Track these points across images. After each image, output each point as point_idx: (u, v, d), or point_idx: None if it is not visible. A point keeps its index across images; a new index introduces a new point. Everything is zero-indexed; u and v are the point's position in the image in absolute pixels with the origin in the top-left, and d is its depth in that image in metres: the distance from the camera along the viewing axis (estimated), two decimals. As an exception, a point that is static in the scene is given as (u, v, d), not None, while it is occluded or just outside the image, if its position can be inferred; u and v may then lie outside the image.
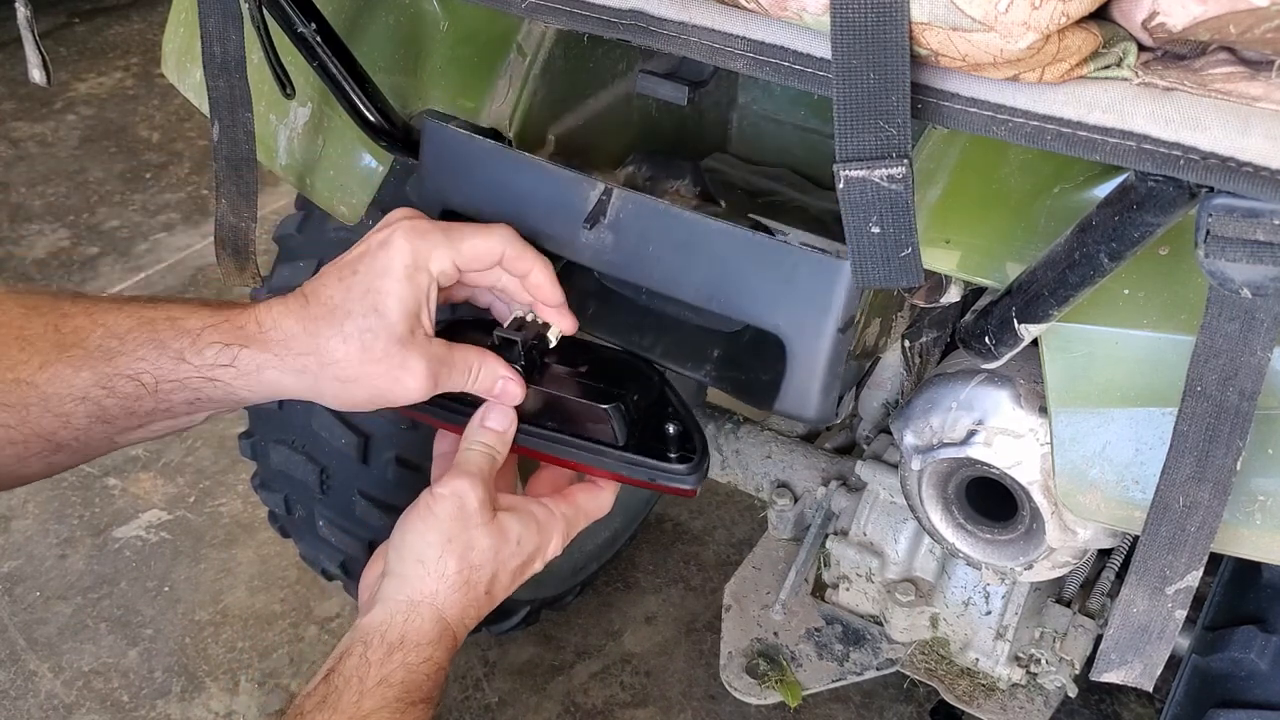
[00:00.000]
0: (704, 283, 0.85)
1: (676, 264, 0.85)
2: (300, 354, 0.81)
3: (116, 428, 0.80)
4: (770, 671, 1.48)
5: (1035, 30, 0.54)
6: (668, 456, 0.90)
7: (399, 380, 0.83)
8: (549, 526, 0.89)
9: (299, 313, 0.82)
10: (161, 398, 0.80)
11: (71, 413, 0.77)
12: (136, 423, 0.81)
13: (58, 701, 1.88)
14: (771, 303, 0.83)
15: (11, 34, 3.21)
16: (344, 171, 1.16)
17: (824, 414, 0.86)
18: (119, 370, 0.78)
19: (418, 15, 1.09)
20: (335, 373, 0.81)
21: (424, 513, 0.84)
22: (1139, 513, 0.78)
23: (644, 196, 0.84)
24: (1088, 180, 0.80)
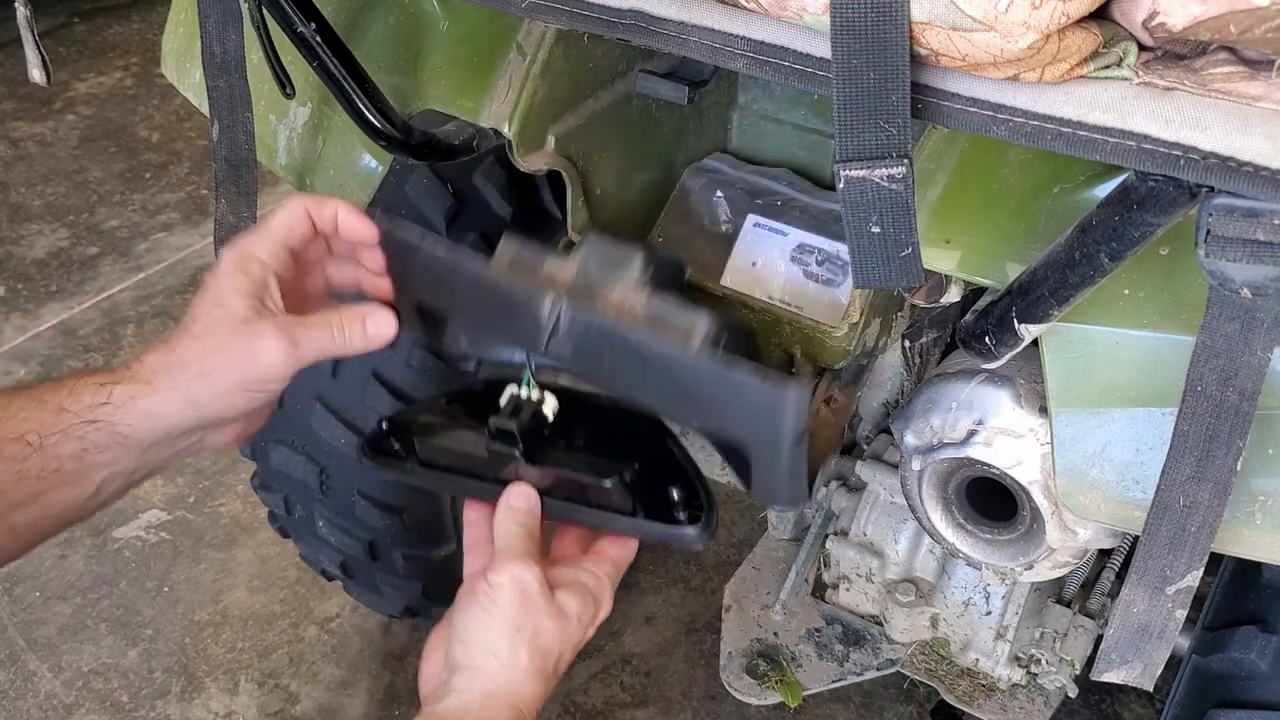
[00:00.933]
0: (660, 397, 0.88)
1: (632, 378, 0.88)
2: (165, 373, 0.82)
3: (9, 500, 0.78)
4: (770, 672, 1.48)
5: (1035, 30, 0.54)
6: (676, 518, 0.91)
7: (255, 351, 0.82)
8: (599, 592, 0.89)
9: (161, 346, 0.84)
10: (48, 454, 0.79)
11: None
12: (29, 492, 0.79)
13: (57, 702, 1.87)
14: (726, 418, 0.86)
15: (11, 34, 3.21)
16: (344, 171, 1.16)
17: (794, 501, 0.89)
18: (3, 436, 0.78)
19: (418, 15, 1.09)
20: (196, 370, 0.82)
21: (487, 604, 0.83)
22: (1139, 513, 0.77)
23: (593, 314, 0.85)
24: (1088, 180, 0.80)
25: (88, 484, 0.81)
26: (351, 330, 0.87)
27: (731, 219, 1.29)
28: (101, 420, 0.80)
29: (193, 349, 0.82)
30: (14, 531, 0.80)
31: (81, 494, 0.82)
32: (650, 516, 0.91)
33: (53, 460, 0.79)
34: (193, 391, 0.82)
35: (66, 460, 0.80)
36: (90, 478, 0.81)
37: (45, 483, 0.79)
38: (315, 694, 1.90)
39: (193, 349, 0.82)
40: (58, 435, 0.79)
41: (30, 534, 0.82)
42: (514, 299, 0.90)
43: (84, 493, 0.82)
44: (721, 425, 0.87)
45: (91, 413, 0.80)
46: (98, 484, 0.82)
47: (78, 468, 0.80)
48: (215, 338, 0.82)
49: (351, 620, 2.01)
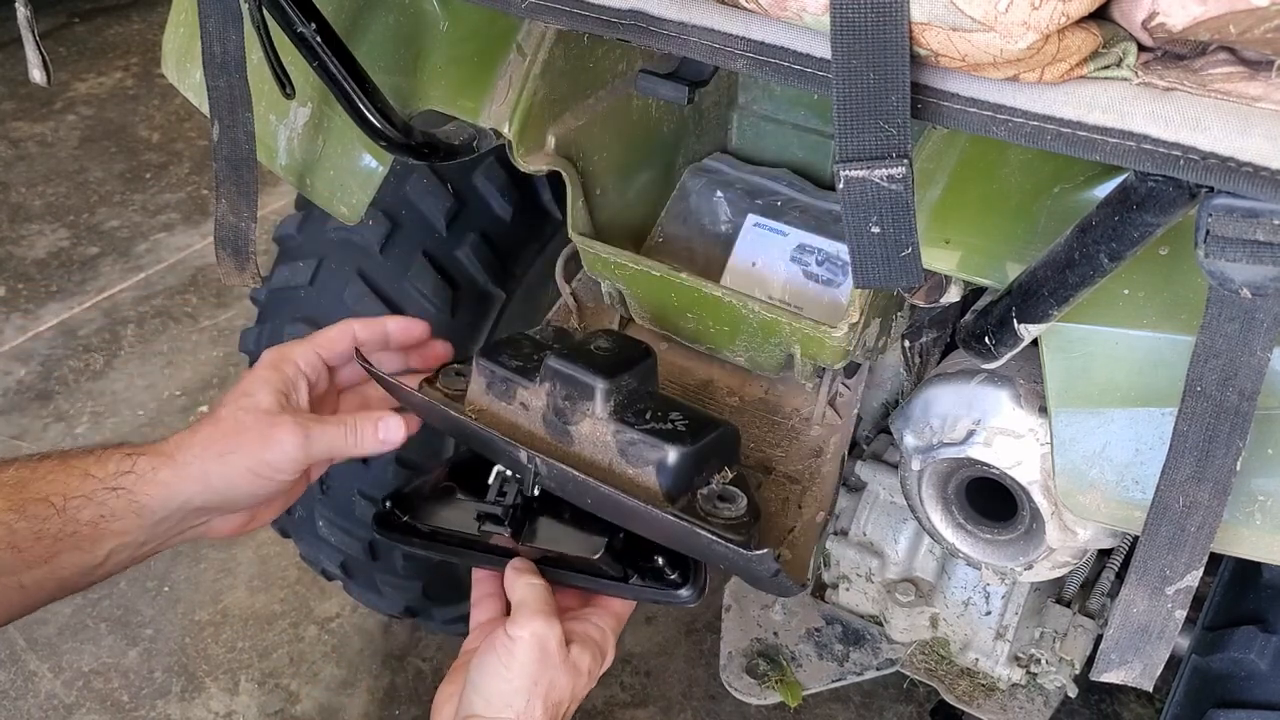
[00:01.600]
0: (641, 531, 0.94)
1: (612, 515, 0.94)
2: (186, 450, 0.88)
3: (24, 559, 0.81)
4: (770, 671, 1.48)
5: (1035, 30, 0.54)
6: (668, 579, 0.96)
7: (271, 439, 0.88)
8: (604, 644, 0.94)
9: (188, 428, 0.91)
10: (69, 516, 0.83)
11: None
12: (44, 552, 0.82)
13: (58, 701, 1.87)
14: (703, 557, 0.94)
15: (11, 34, 3.21)
16: (344, 171, 1.16)
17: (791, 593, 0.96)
18: (30, 495, 0.82)
19: (418, 15, 1.09)
20: (215, 450, 0.88)
21: (506, 657, 0.86)
22: (1139, 513, 0.78)
23: (565, 470, 0.90)
24: (1087, 180, 0.80)
25: (98, 551, 0.85)
26: (364, 433, 0.93)
27: (731, 219, 1.29)
28: (123, 488, 0.85)
29: (214, 431, 0.89)
30: (23, 589, 0.83)
31: (91, 561, 0.85)
32: (642, 581, 0.96)
33: (71, 524, 0.83)
34: (208, 469, 0.87)
35: (84, 525, 0.84)
36: (102, 545, 0.85)
37: (60, 545, 0.83)
38: (315, 694, 1.90)
39: (214, 431, 0.89)
40: (80, 499, 0.84)
41: (37, 594, 0.85)
42: (495, 449, 0.97)
43: (93, 560, 0.85)
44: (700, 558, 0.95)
45: (115, 480, 0.85)
46: (107, 552, 0.86)
47: (92, 534, 0.84)
48: (236, 423, 0.89)
49: (351, 620, 2.01)
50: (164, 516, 0.87)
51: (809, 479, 1.11)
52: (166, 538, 0.89)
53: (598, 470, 0.96)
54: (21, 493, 0.83)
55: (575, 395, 0.96)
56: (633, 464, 0.94)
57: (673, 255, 1.28)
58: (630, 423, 0.95)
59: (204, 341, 2.65)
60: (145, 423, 2.41)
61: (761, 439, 1.16)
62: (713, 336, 1.15)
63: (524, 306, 1.48)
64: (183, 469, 0.87)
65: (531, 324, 1.37)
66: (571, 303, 1.29)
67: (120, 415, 2.42)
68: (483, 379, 1.02)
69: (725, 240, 1.27)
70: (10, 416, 2.41)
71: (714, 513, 0.92)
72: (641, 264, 1.10)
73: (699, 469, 0.95)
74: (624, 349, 1.02)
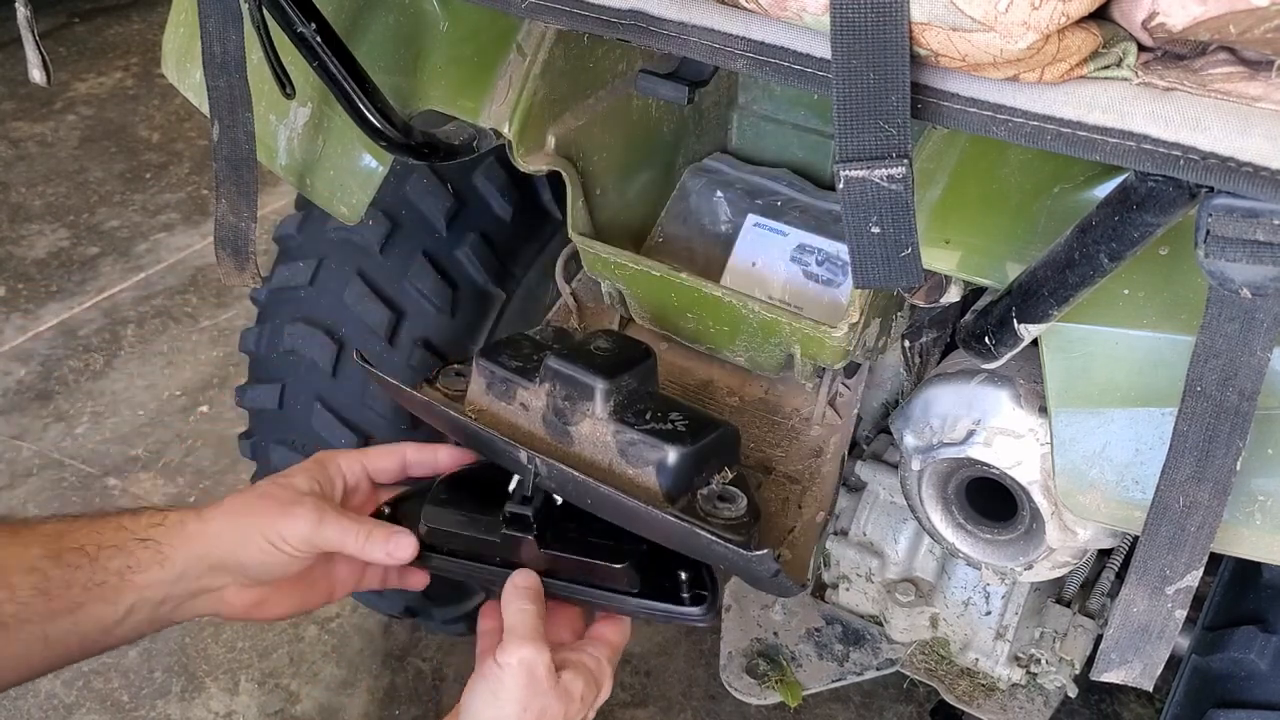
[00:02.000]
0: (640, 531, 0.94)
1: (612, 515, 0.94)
2: (213, 509, 0.94)
3: (53, 607, 0.85)
4: (770, 671, 1.47)
5: (1035, 30, 0.54)
6: (681, 598, 0.95)
7: (287, 513, 0.93)
8: (600, 675, 0.93)
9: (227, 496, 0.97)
10: (99, 565, 0.87)
11: (18, 584, 0.84)
12: (71, 602, 0.86)
13: (58, 701, 1.87)
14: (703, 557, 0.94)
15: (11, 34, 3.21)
16: (344, 171, 1.16)
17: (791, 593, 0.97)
18: (66, 544, 0.87)
19: (418, 15, 1.09)
20: (238, 513, 0.93)
21: (496, 685, 0.86)
22: (1139, 513, 0.77)
23: (565, 470, 0.91)
24: (1087, 180, 0.80)
25: (120, 605, 0.89)
26: (374, 542, 0.96)
27: (731, 219, 1.29)
28: (151, 539, 0.90)
29: (243, 498, 0.95)
30: (46, 641, 0.86)
31: (112, 615, 0.88)
32: (657, 597, 0.96)
33: (100, 572, 0.87)
34: (226, 527, 0.92)
35: (111, 574, 0.88)
36: (125, 598, 0.89)
37: (87, 594, 0.87)
38: (315, 694, 1.90)
39: (243, 498, 0.95)
40: (111, 549, 0.89)
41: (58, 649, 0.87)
42: (495, 449, 0.97)
43: (115, 614, 0.89)
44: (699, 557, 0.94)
45: (145, 531, 0.90)
46: (129, 607, 0.89)
47: (118, 584, 0.88)
48: (264, 495, 0.95)
49: (351, 620, 2.01)
50: (183, 571, 0.91)
51: (809, 479, 1.11)
52: (182, 600, 0.92)
53: (598, 470, 0.95)
54: (59, 541, 0.87)
55: (575, 395, 0.96)
56: (633, 464, 0.94)
57: (673, 255, 1.28)
58: (630, 423, 0.94)
59: (204, 341, 2.65)
60: (145, 423, 2.41)
61: (761, 439, 1.16)
62: (713, 336, 1.15)
63: (524, 306, 1.48)
64: (206, 524, 0.92)
65: (531, 324, 1.37)
66: (571, 303, 1.29)
67: (120, 415, 2.42)
68: (483, 379, 1.02)
69: (725, 240, 1.27)
70: (10, 416, 2.42)
71: (714, 513, 0.92)
72: (641, 264, 1.10)
73: (699, 469, 0.95)
74: (624, 349, 1.02)
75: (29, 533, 0.87)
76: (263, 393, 1.46)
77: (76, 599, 0.86)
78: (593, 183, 1.18)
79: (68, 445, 2.34)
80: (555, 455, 0.95)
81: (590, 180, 1.18)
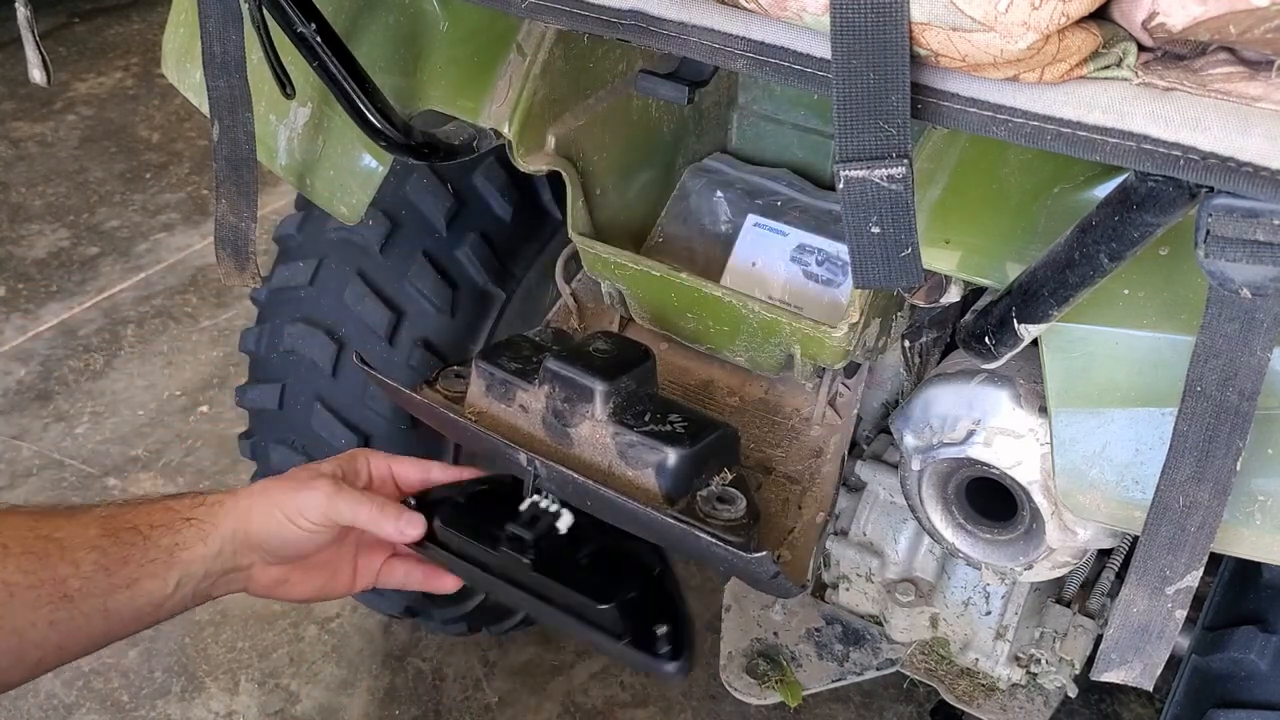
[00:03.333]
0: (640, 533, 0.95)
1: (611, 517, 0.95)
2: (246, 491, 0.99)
3: (112, 582, 0.91)
4: (770, 671, 1.47)
5: (1035, 30, 0.54)
6: (659, 651, 0.96)
7: (304, 487, 0.98)
8: None
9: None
10: (152, 542, 0.93)
11: (81, 560, 0.89)
12: (127, 577, 0.91)
13: (57, 701, 1.87)
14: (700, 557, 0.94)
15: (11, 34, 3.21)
16: (344, 171, 1.16)
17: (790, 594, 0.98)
18: (121, 524, 0.93)
19: (418, 15, 1.09)
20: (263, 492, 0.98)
21: None
22: (1139, 513, 0.77)
23: (565, 473, 0.92)
24: (1087, 180, 0.80)
25: (170, 580, 0.93)
26: (386, 516, 1.00)
27: (731, 219, 1.29)
28: (195, 519, 0.96)
29: (271, 480, 1.01)
30: (106, 614, 0.91)
31: (163, 591, 0.94)
32: (635, 644, 0.96)
33: (153, 549, 0.93)
34: (253, 505, 0.97)
35: (162, 551, 0.93)
36: (173, 574, 0.94)
37: (142, 570, 0.92)
38: (315, 694, 1.90)
39: (271, 480, 1.01)
40: (161, 528, 0.94)
41: (116, 623, 0.93)
42: (495, 451, 0.98)
43: (165, 590, 0.94)
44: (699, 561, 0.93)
45: (190, 510, 0.96)
46: (176, 582, 0.94)
47: (168, 561, 0.93)
48: (289, 476, 1.01)
49: (351, 620, 2.01)
50: (220, 548, 0.96)
51: (809, 479, 1.11)
52: (218, 576, 0.97)
53: (597, 472, 0.96)
54: (114, 521, 0.93)
55: (574, 397, 0.96)
56: (632, 466, 0.94)
57: (673, 255, 1.28)
58: (629, 425, 0.95)
59: (204, 341, 2.65)
60: (145, 423, 2.41)
61: (761, 439, 1.16)
62: (713, 336, 1.15)
63: (524, 306, 1.48)
64: (238, 502, 0.97)
65: (531, 324, 1.37)
66: (571, 303, 1.29)
67: (120, 415, 2.42)
68: (482, 381, 1.02)
69: (725, 240, 1.27)
70: (10, 416, 2.42)
71: (713, 514, 0.92)
72: (641, 264, 1.10)
73: (698, 470, 0.95)
74: (623, 351, 1.02)
75: (85, 515, 0.93)
76: (263, 393, 1.46)
77: (133, 574, 0.91)
78: (593, 183, 1.18)
79: (68, 445, 2.34)
80: (555, 457, 0.95)
81: (590, 180, 1.18)
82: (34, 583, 0.87)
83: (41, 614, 0.87)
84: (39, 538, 0.89)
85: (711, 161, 1.35)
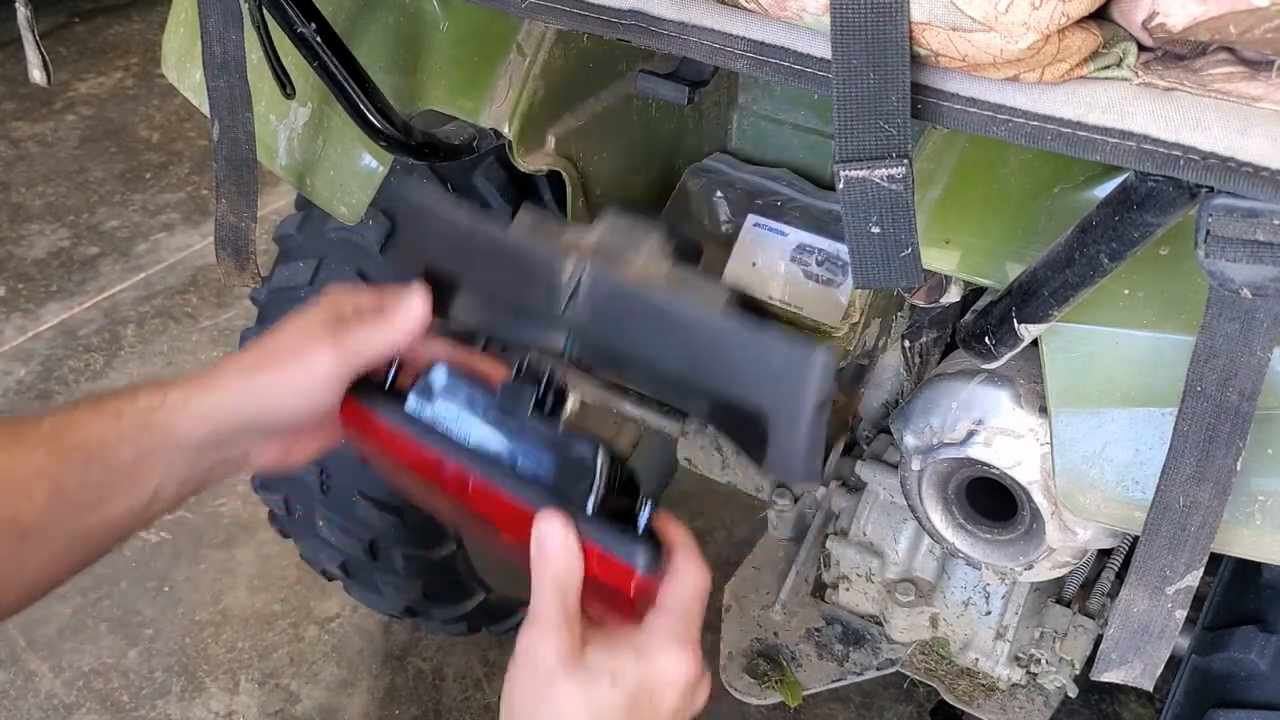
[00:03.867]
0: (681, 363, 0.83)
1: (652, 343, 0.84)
2: (219, 376, 0.85)
3: (73, 506, 0.81)
4: (770, 671, 1.47)
5: (1035, 30, 0.54)
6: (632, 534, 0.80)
7: (306, 353, 0.84)
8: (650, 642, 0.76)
9: (226, 357, 0.88)
10: (108, 458, 0.82)
11: (33, 490, 0.79)
12: (91, 498, 0.81)
13: (57, 701, 1.87)
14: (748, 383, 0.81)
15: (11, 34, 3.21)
16: (344, 171, 1.16)
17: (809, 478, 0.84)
18: (67, 443, 0.81)
19: (418, 15, 1.09)
20: (250, 367, 0.85)
21: (510, 678, 0.75)
22: (1139, 513, 0.77)
23: (616, 276, 0.83)
24: (1088, 180, 0.80)
25: (144, 491, 0.83)
26: (393, 321, 0.86)
27: (731, 219, 1.29)
28: (156, 424, 0.83)
29: (252, 354, 0.86)
30: (76, 539, 0.82)
31: (138, 503, 0.84)
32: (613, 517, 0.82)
33: (112, 469, 0.82)
34: (241, 389, 0.84)
35: (124, 467, 0.82)
36: (146, 486, 0.83)
37: (105, 490, 0.82)
38: (315, 694, 1.90)
39: (252, 354, 0.86)
40: (115, 441, 0.82)
41: (91, 543, 0.83)
42: (534, 261, 0.87)
43: (140, 502, 0.84)
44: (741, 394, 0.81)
45: (146, 416, 0.83)
46: (153, 491, 0.84)
47: (132, 474, 0.82)
48: (275, 344, 0.86)
49: (351, 620, 2.01)
50: (199, 449, 0.84)
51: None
52: (208, 470, 0.86)
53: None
54: (60, 441, 0.81)
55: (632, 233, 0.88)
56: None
57: (673, 255, 1.28)
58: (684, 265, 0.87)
59: (204, 341, 2.65)
60: (145, 423, 2.41)
61: None
62: (713, 336, 1.15)
63: (524, 306, 1.48)
64: (215, 394, 0.84)
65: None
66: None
67: (120, 415, 2.42)
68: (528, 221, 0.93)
69: (725, 240, 1.27)
70: (10, 416, 2.42)
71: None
72: (641, 264, 1.10)
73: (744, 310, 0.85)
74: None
75: (32, 435, 0.82)
76: (263, 393, 1.46)
77: (95, 496, 0.82)
78: (593, 183, 1.18)
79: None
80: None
81: (590, 180, 1.18)
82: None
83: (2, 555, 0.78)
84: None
85: (711, 161, 1.35)
